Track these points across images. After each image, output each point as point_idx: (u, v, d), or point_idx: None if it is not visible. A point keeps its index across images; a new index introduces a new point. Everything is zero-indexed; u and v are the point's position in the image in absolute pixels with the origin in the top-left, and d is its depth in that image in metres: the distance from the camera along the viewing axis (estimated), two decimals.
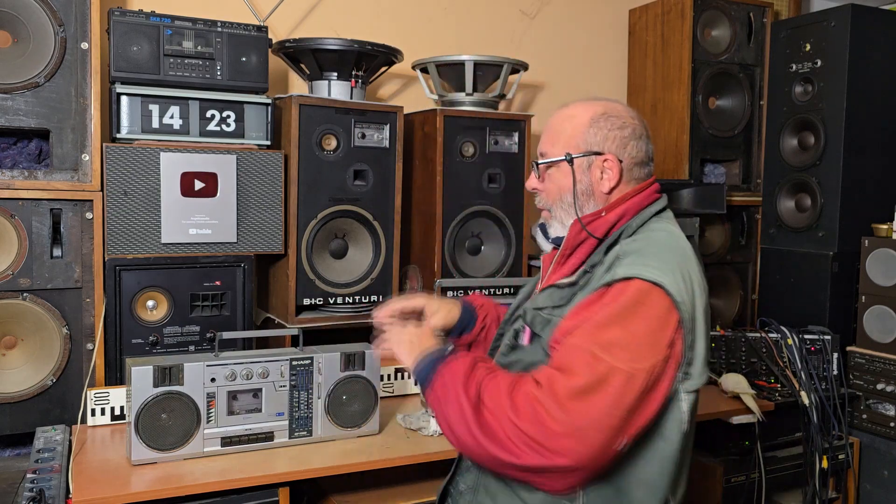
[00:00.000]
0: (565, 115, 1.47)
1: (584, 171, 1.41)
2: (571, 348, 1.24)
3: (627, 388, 1.19)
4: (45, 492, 1.55)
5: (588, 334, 1.24)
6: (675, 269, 1.28)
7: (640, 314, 1.23)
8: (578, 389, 1.18)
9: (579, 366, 1.21)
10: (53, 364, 1.97)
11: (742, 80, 3.13)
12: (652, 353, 1.22)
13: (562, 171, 1.43)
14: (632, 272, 1.26)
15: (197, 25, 2.09)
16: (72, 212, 1.98)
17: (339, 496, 1.92)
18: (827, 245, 2.88)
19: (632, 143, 1.42)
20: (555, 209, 1.46)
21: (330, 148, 2.28)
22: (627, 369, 1.19)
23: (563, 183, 1.43)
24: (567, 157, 1.41)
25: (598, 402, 1.18)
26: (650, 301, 1.24)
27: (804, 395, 2.41)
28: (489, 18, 3.08)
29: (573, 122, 1.44)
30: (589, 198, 1.42)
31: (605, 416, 1.18)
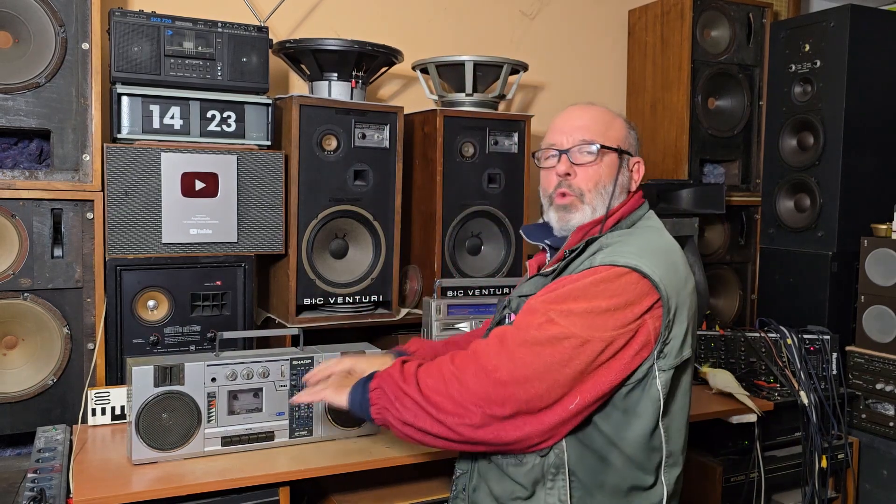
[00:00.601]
0: (602, 112, 1.54)
1: (623, 167, 1.51)
2: (529, 310, 1.33)
3: (580, 351, 1.26)
4: (46, 491, 1.56)
5: (549, 301, 1.31)
6: (655, 256, 1.35)
7: (607, 291, 1.29)
8: (528, 340, 1.27)
9: (534, 325, 1.29)
10: (54, 364, 1.97)
11: (741, 80, 3.14)
12: (612, 327, 1.28)
13: (607, 162, 1.49)
14: (607, 260, 1.33)
15: (197, 26, 2.09)
16: (72, 212, 1.98)
17: (340, 496, 1.92)
18: (826, 245, 2.88)
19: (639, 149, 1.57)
20: (589, 195, 1.49)
21: (330, 148, 2.29)
22: (582, 335, 1.26)
23: (605, 172, 1.48)
24: (623, 149, 1.51)
25: (546, 356, 1.26)
26: (620, 281, 1.30)
27: (803, 394, 2.42)
28: (489, 19, 3.08)
29: (616, 121, 1.53)
30: (622, 192, 1.51)
31: (552, 370, 1.26)
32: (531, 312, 1.32)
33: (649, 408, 1.34)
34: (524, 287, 1.50)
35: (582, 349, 1.26)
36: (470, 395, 1.27)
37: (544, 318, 1.29)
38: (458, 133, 2.48)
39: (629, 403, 1.33)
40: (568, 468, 1.34)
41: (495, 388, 1.26)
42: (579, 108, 1.54)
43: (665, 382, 1.34)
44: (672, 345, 1.34)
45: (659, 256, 1.36)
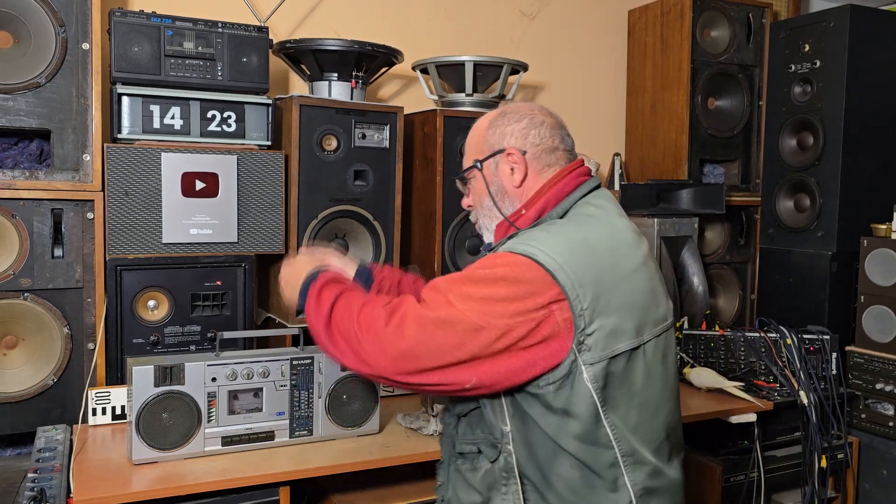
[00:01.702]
0: (472, 129, 1.52)
1: (493, 172, 1.45)
2: (433, 287, 1.31)
3: (473, 336, 1.24)
4: (47, 491, 1.56)
5: (451, 282, 1.30)
6: (565, 244, 1.29)
7: (506, 279, 1.26)
8: (425, 319, 1.26)
9: (433, 304, 1.28)
10: (54, 364, 1.97)
11: (741, 80, 3.14)
12: (509, 314, 1.24)
13: (477, 180, 1.48)
14: (507, 248, 1.31)
15: (198, 26, 2.09)
16: (73, 212, 1.98)
17: (340, 495, 1.93)
18: (826, 245, 2.88)
19: (532, 132, 1.44)
20: (479, 217, 1.51)
21: (330, 148, 2.29)
22: (477, 321, 1.24)
23: (479, 189, 1.47)
24: (475, 164, 1.46)
25: (439, 337, 1.25)
26: (518, 269, 1.26)
27: (803, 394, 2.42)
28: (489, 19, 3.08)
29: (475, 131, 1.50)
30: (504, 196, 1.45)
31: (443, 351, 1.25)
32: (434, 289, 1.31)
33: (583, 405, 1.27)
34: None
35: (475, 335, 1.24)
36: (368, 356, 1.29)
37: (443, 298, 1.28)
38: (458, 133, 2.48)
39: (562, 402, 1.28)
40: (518, 472, 1.31)
41: (387, 361, 1.28)
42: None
43: (595, 377, 1.27)
44: (596, 336, 1.26)
45: (570, 244, 1.29)
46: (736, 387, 2.35)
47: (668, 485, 1.38)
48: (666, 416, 1.39)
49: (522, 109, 1.47)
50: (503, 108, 1.49)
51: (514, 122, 1.45)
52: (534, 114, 1.46)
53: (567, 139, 1.49)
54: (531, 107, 1.48)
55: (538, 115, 1.46)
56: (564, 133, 1.49)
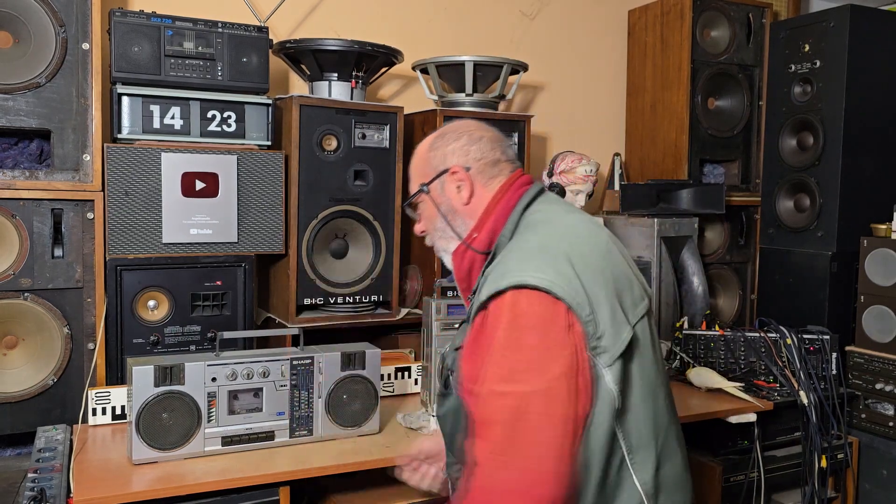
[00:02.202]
0: (415, 156, 1.51)
1: (440, 193, 1.44)
2: (481, 398, 1.19)
3: (551, 401, 1.14)
4: (47, 491, 1.56)
5: (489, 374, 1.19)
6: (538, 258, 1.24)
7: (525, 327, 1.18)
8: (500, 440, 1.13)
9: (491, 412, 1.16)
10: (54, 364, 1.97)
11: (741, 80, 3.14)
12: (559, 352, 1.17)
13: (426, 204, 1.47)
14: (497, 286, 1.21)
15: (198, 26, 2.09)
16: (73, 212, 1.98)
17: (340, 495, 1.93)
18: (826, 245, 2.88)
19: (473, 148, 1.42)
20: (434, 241, 1.48)
21: (330, 148, 2.29)
22: (541, 386, 1.14)
23: (430, 213, 1.46)
24: (421, 188, 1.46)
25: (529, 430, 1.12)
26: (525, 305, 1.19)
27: (803, 394, 2.42)
28: (489, 19, 3.08)
29: (417, 157, 1.50)
30: (455, 215, 1.42)
31: (548, 442, 1.13)
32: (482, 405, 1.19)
33: (605, 412, 1.21)
34: (457, 338, 1.41)
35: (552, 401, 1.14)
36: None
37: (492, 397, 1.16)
38: None
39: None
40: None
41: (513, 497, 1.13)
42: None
43: (616, 377, 1.22)
44: (607, 335, 1.22)
45: (538, 257, 1.24)
46: (735, 387, 2.35)
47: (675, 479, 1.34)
48: (664, 399, 1.36)
49: (460, 128, 1.46)
50: (441, 130, 1.49)
51: (452, 140, 1.44)
52: (471, 130, 1.45)
53: (508, 150, 1.47)
54: (467, 124, 1.48)
55: (476, 130, 1.45)
56: (505, 145, 1.47)
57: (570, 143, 3.16)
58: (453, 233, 1.42)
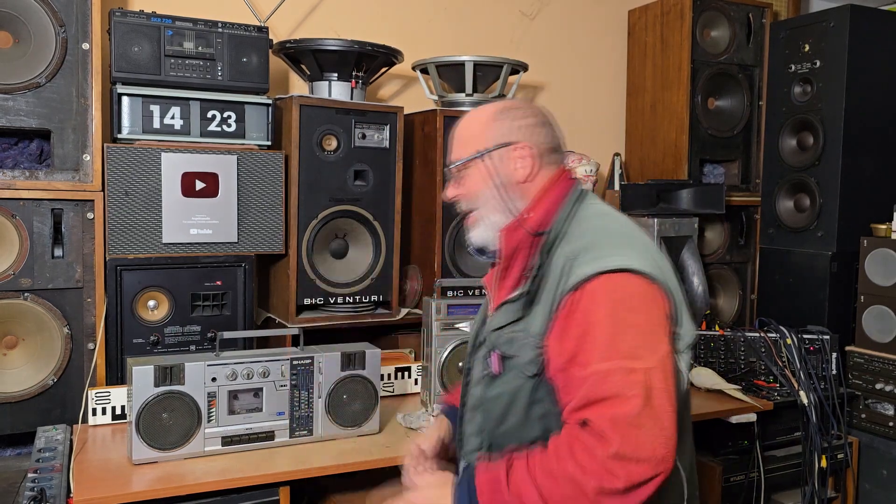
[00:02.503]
0: (467, 120, 1.48)
1: (497, 164, 1.40)
2: (601, 374, 1.18)
3: (666, 377, 1.18)
4: (47, 491, 1.56)
5: (608, 354, 1.18)
6: (630, 245, 1.28)
7: (632, 307, 1.21)
8: (636, 411, 1.15)
9: (622, 387, 1.16)
10: (54, 364, 1.97)
11: (741, 80, 3.14)
12: (662, 333, 1.22)
13: (478, 171, 1.42)
14: (595, 268, 1.22)
15: (198, 26, 2.09)
16: (73, 212, 1.98)
17: (340, 495, 1.93)
18: (826, 245, 2.88)
19: (539, 130, 1.42)
20: (479, 209, 1.43)
21: (330, 148, 2.29)
22: (657, 363, 1.18)
23: (478, 181, 1.42)
24: (479, 154, 1.41)
25: (660, 403, 1.16)
26: (630, 287, 1.22)
27: (803, 394, 2.42)
28: (489, 19, 3.08)
29: (477, 121, 1.45)
30: (507, 189, 1.40)
31: (670, 411, 1.17)
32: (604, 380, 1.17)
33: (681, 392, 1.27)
34: (495, 320, 1.39)
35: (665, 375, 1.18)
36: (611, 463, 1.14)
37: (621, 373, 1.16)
38: None
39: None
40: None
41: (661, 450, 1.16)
42: (457, 126, 1.51)
43: (686, 365, 1.30)
44: (684, 324, 1.29)
45: (631, 244, 1.28)
46: (734, 389, 2.35)
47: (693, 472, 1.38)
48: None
49: (527, 108, 1.45)
50: (505, 103, 1.46)
51: (521, 117, 1.42)
52: (538, 113, 1.45)
53: (563, 142, 1.48)
54: (533, 106, 1.47)
55: (543, 115, 1.45)
56: (562, 137, 1.48)
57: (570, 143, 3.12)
58: (504, 206, 1.39)
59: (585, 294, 1.22)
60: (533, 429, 1.29)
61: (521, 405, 1.30)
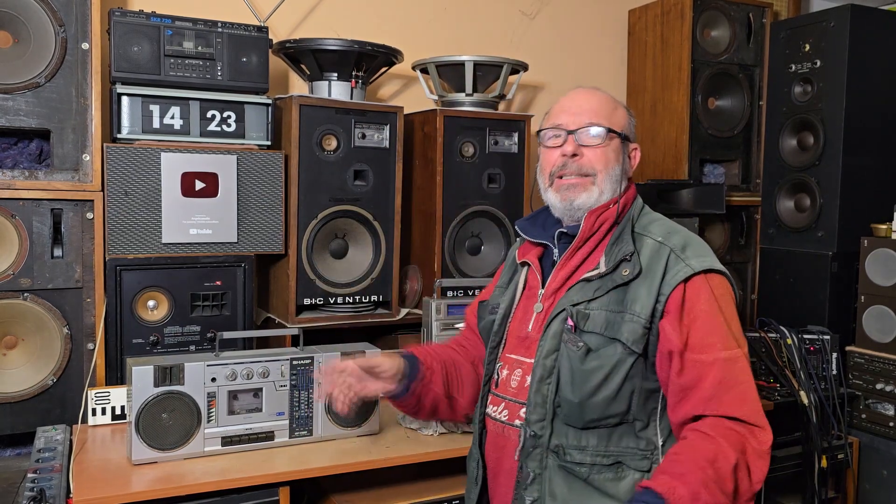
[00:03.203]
0: (607, 98, 1.56)
1: (624, 152, 1.54)
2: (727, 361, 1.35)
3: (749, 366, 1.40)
4: (46, 491, 1.56)
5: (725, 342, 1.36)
6: (712, 253, 1.47)
7: (730, 302, 1.42)
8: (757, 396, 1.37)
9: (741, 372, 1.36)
10: (54, 364, 1.97)
11: (741, 80, 3.13)
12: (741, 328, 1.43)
13: (613, 147, 1.52)
14: (703, 265, 1.40)
15: (197, 26, 2.09)
16: (72, 212, 1.98)
17: (340, 496, 1.93)
18: (826, 245, 2.88)
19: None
20: (600, 176, 1.50)
21: (330, 148, 2.29)
22: (745, 350, 1.39)
23: (612, 156, 1.51)
24: (623, 135, 1.53)
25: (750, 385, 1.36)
26: (725, 287, 1.43)
27: (803, 394, 2.42)
28: (489, 19, 3.08)
29: (619, 107, 1.56)
30: (621, 177, 1.53)
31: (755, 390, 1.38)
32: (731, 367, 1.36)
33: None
34: (572, 295, 1.43)
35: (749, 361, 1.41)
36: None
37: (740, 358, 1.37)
38: (458, 133, 2.48)
39: None
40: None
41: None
42: (586, 92, 1.56)
43: None
44: None
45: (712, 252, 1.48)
46: None
47: None
48: None
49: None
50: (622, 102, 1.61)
51: (634, 123, 1.59)
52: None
53: None
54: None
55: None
56: None
57: None
58: (616, 188, 1.50)
59: (692, 286, 1.38)
60: (621, 403, 1.38)
61: (617, 379, 1.38)
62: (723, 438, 1.28)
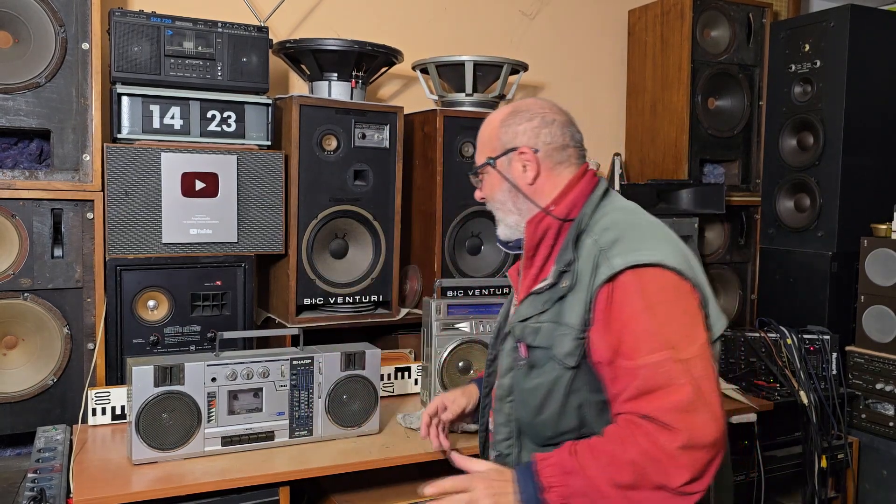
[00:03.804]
0: (484, 124, 1.54)
1: (507, 169, 1.48)
2: (651, 366, 1.22)
3: (707, 363, 1.24)
4: (46, 491, 1.56)
5: (653, 344, 1.23)
6: (659, 239, 1.33)
7: (668, 300, 1.26)
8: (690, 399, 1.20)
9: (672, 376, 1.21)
10: (54, 364, 1.97)
11: (741, 80, 3.14)
12: (698, 324, 1.27)
13: (491, 176, 1.51)
14: (629, 261, 1.27)
15: (197, 26, 2.09)
16: (73, 212, 1.98)
17: (340, 496, 1.93)
18: (826, 245, 2.88)
19: (544, 131, 1.46)
20: (497, 212, 1.53)
21: (330, 148, 2.29)
22: (698, 351, 1.23)
23: (494, 185, 1.50)
24: (488, 161, 1.49)
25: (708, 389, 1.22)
26: (662, 280, 1.27)
27: (803, 394, 2.42)
28: (489, 19, 3.08)
29: (488, 128, 1.52)
30: (518, 193, 1.47)
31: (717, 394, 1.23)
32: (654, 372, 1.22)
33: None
34: (521, 311, 1.43)
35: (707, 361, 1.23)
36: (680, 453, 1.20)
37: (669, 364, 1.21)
38: (458, 133, 2.48)
39: None
40: None
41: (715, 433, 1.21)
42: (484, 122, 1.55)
43: (717, 355, 1.34)
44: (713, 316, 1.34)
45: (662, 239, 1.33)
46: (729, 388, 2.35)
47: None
48: None
49: (533, 107, 1.49)
50: (515, 105, 1.51)
51: (525, 120, 1.47)
52: (545, 112, 1.48)
53: (577, 135, 1.50)
54: (542, 104, 1.50)
55: (549, 112, 1.48)
56: (574, 129, 1.50)
57: None
58: (517, 207, 1.47)
59: (619, 287, 1.27)
60: (570, 418, 1.33)
61: (559, 395, 1.33)
62: (626, 431, 1.22)
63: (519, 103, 1.51)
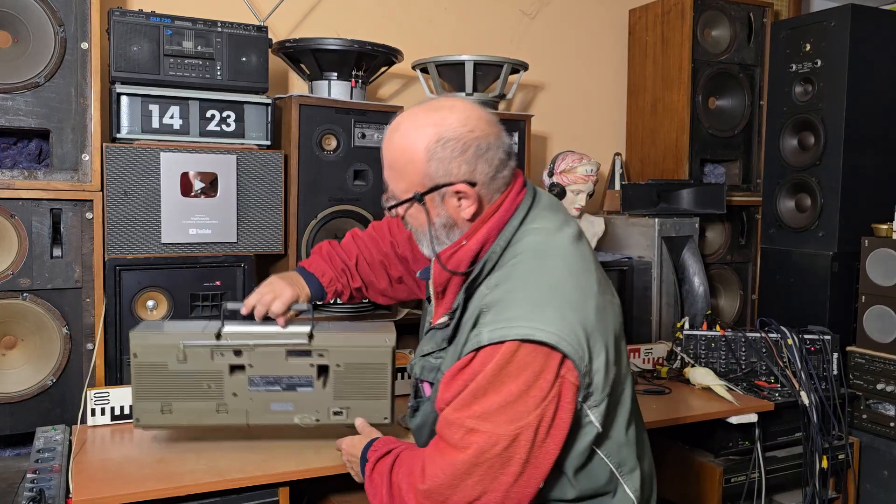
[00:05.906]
0: (400, 147, 1.32)
1: (438, 205, 1.31)
2: (447, 424, 1.22)
3: (515, 448, 1.17)
4: (46, 492, 1.55)
5: (460, 408, 1.21)
6: (551, 305, 1.21)
7: (512, 375, 1.18)
8: (459, 462, 1.18)
9: (456, 442, 1.20)
10: (53, 364, 1.97)
11: (742, 80, 3.13)
12: (534, 405, 1.17)
13: (416, 209, 1.33)
14: (496, 336, 1.19)
15: (197, 25, 2.09)
16: (72, 212, 1.98)
17: (340, 496, 1.92)
18: (827, 245, 2.88)
19: (480, 161, 1.28)
20: (420, 243, 1.39)
21: (330, 148, 2.28)
22: (509, 432, 1.16)
23: (420, 219, 1.34)
24: (416, 196, 1.30)
25: (483, 470, 1.17)
26: (519, 359, 1.18)
27: (804, 395, 2.41)
28: (489, 18, 3.08)
29: (411, 157, 1.30)
30: (451, 229, 1.33)
31: (511, 475, 1.17)
32: (448, 426, 1.22)
33: (586, 442, 1.27)
34: (423, 345, 1.41)
35: (516, 445, 1.16)
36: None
37: (463, 430, 1.19)
38: None
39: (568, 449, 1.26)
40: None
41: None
42: (388, 138, 1.35)
43: (601, 414, 1.26)
44: (597, 380, 1.24)
45: (547, 303, 1.21)
46: (721, 385, 2.35)
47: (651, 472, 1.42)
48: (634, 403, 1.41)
49: (460, 130, 1.27)
50: (437, 125, 1.28)
51: (459, 152, 1.27)
52: (477, 136, 1.28)
53: (506, 142, 1.34)
54: (465, 120, 1.28)
55: (480, 135, 1.29)
56: (503, 137, 1.33)
57: (571, 142, 3.15)
58: (433, 247, 1.34)
59: (480, 355, 1.22)
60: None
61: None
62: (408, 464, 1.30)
63: (441, 124, 1.28)
